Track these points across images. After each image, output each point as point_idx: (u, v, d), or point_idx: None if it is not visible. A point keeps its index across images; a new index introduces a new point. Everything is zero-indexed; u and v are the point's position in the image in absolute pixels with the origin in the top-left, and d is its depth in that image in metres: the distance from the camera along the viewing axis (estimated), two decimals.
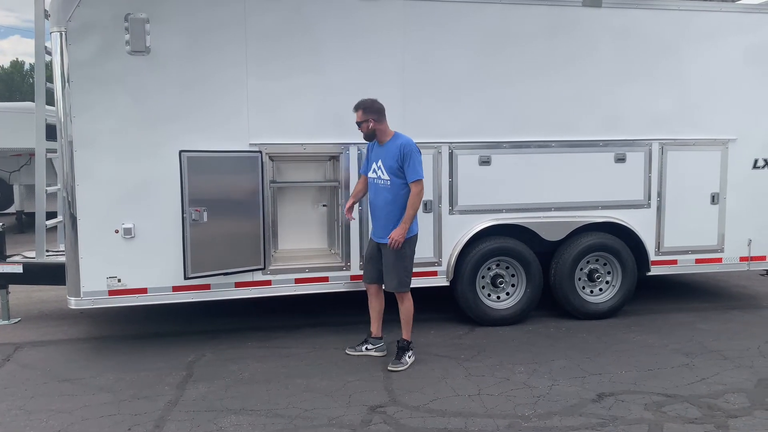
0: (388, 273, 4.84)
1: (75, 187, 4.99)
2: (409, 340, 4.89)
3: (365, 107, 4.76)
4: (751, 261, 6.33)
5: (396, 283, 4.80)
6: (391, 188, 4.75)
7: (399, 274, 4.79)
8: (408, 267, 4.83)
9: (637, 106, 5.95)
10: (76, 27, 4.87)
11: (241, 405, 4.16)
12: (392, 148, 4.74)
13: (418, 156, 4.72)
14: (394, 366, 4.75)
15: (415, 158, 4.68)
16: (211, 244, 5.08)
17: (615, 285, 6.11)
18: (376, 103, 4.79)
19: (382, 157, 4.80)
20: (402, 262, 4.77)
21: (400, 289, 4.82)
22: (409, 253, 4.81)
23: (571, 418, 3.92)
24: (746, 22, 6.11)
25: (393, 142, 4.78)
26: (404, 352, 4.84)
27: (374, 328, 5.11)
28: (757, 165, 6.26)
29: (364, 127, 4.81)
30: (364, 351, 5.06)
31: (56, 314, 6.44)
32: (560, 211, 5.90)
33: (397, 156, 4.69)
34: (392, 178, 4.74)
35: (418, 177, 4.67)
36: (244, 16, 5.14)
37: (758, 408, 4.05)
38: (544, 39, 5.71)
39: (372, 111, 4.77)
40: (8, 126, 11.08)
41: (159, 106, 5.06)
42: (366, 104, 4.77)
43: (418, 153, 4.72)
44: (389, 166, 4.74)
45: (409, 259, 4.82)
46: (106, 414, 4.03)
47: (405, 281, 4.82)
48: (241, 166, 5.20)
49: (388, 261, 4.81)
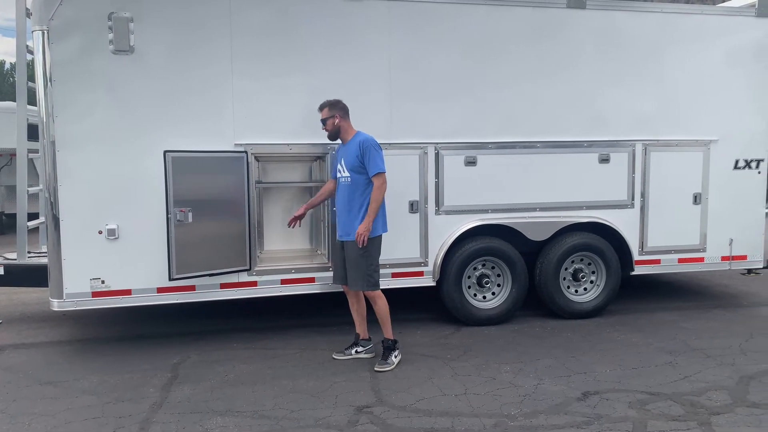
0: (351, 272, 4.82)
1: (57, 187, 4.93)
2: (392, 339, 4.89)
3: (330, 104, 4.86)
4: (732, 260, 6.42)
5: (362, 282, 4.78)
6: (351, 185, 4.77)
7: (363, 273, 4.76)
8: (373, 265, 4.79)
9: (620, 107, 6.00)
10: (59, 26, 4.82)
11: (227, 406, 4.13)
12: (353, 145, 4.79)
13: (379, 151, 4.74)
14: (381, 366, 4.75)
15: (375, 152, 4.70)
16: (196, 245, 5.04)
17: (599, 284, 6.17)
18: (340, 102, 4.88)
19: (344, 156, 4.84)
20: (366, 260, 4.74)
21: (367, 288, 4.80)
22: (373, 252, 4.79)
23: (556, 417, 3.95)
24: (727, 24, 6.20)
25: (354, 139, 4.83)
26: (390, 352, 4.84)
27: (360, 330, 5.09)
28: (738, 165, 6.35)
29: (330, 124, 4.86)
30: (353, 354, 5.02)
31: (38, 316, 6.37)
32: (545, 212, 5.94)
33: (356, 152, 4.72)
34: (352, 175, 4.76)
35: (379, 170, 4.68)
36: (229, 15, 5.12)
37: (740, 405, 4.11)
38: (529, 40, 5.75)
39: (337, 108, 4.85)
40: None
41: (143, 106, 5.02)
42: (331, 102, 4.87)
43: (377, 148, 4.74)
44: (349, 163, 4.77)
45: (373, 257, 4.79)
46: (90, 417, 3.99)
47: (371, 280, 4.78)
48: (227, 167, 5.17)
49: (351, 260, 4.80)
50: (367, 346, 5.05)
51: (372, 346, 5.06)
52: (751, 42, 6.21)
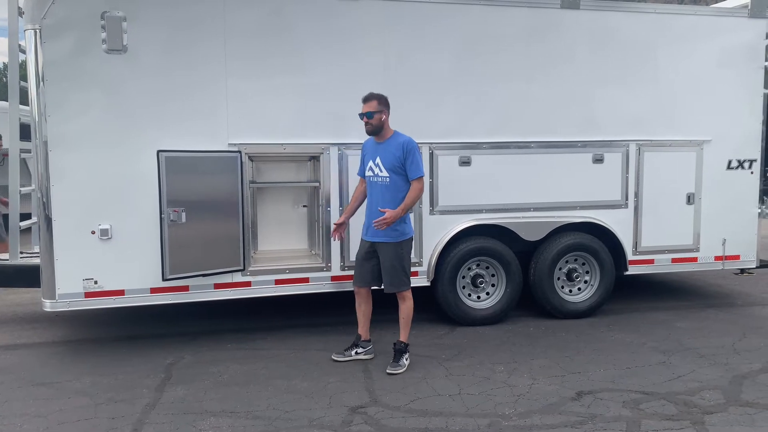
0: (387, 274, 4.76)
1: (50, 187, 4.90)
2: (406, 342, 4.84)
3: (380, 98, 4.68)
4: (725, 260, 6.45)
5: (398, 282, 4.77)
6: (390, 185, 4.67)
7: (399, 273, 4.75)
8: (406, 267, 4.81)
9: (614, 107, 6.02)
10: (51, 25, 4.79)
11: (221, 407, 4.12)
12: (393, 145, 4.67)
13: (420, 154, 4.76)
14: (393, 369, 4.67)
15: (418, 155, 4.68)
16: (189, 245, 5.03)
17: (593, 284, 6.18)
18: (387, 98, 4.75)
19: (380, 154, 4.72)
20: (400, 262, 4.74)
21: (401, 288, 4.79)
22: (406, 253, 4.80)
23: (550, 417, 3.95)
24: (720, 25, 6.22)
25: (394, 139, 4.71)
26: (402, 355, 4.77)
27: (363, 331, 5.03)
28: (731, 166, 6.38)
29: (377, 119, 4.65)
30: (353, 355, 4.96)
31: (30, 317, 6.33)
32: (539, 212, 5.95)
33: (398, 153, 4.63)
34: (392, 175, 4.66)
35: (421, 174, 4.67)
36: (223, 14, 5.10)
37: (733, 404, 4.12)
38: (523, 40, 5.76)
39: (385, 103, 4.70)
40: None
41: (136, 106, 5.00)
42: (380, 95, 4.69)
43: (419, 151, 4.75)
44: (390, 163, 4.66)
45: (406, 259, 4.81)
46: (83, 417, 3.97)
47: (404, 281, 4.80)
48: (220, 166, 5.15)
49: (388, 261, 4.74)
50: (367, 347, 5.02)
51: (371, 348, 5.03)
52: (743, 43, 6.24)
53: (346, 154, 5.45)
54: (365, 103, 4.68)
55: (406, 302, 4.84)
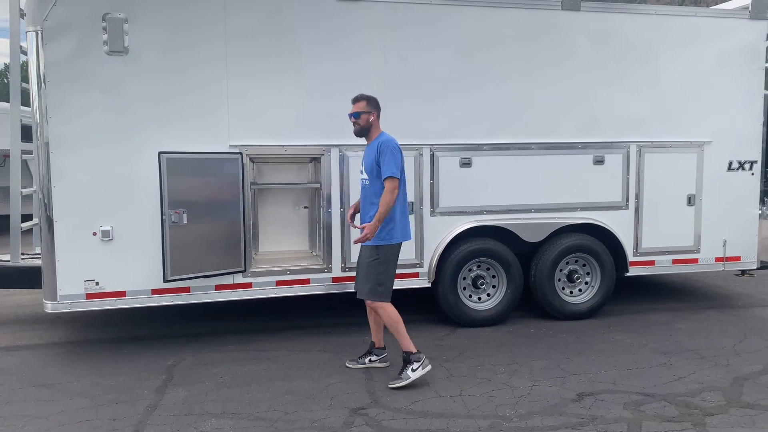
0: (360, 277, 4.62)
1: (51, 188, 4.91)
2: (408, 351, 4.49)
3: (369, 99, 4.57)
4: (726, 261, 6.45)
5: (366, 289, 4.51)
6: (370, 187, 4.54)
7: (370, 280, 4.48)
8: (383, 274, 4.48)
9: (614, 108, 6.02)
10: (53, 26, 4.80)
11: (222, 408, 4.12)
12: (373, 146, 4.52)
13: (396, 154, 4.42)
14: (393, 382, 4.44)
15: (391, 155, 4.39)
16: (190, 247, 5.03)
17: (594, 286, 6.18)
18: (376, 99, 4.62)
19: (365, 156, 4.66)
20: (376, 267, 4.46)
21: (370, 297, 4.50)
22: (386, 260, 4.48)
23: (551, 418, 3.95)
24: (721, 26, 6.22)
25: (376, 140, 4.54)
26: (406, 366, 4.48)
27: (376, 339, 4.83)
28: (731, 167, 6.38)
29: (364, 119, 4.54)
30: (367, 363, 4.81)
31: (32, 318, 6.33)
32: (540, 213, 5.95)
33: (375, 154, 4.46)
34: (370, 177, 4.53)
35: (390, 173, 4.37)
36: (224, 16, 5.11)
37: (734, 406, 4.12)
38: (524, 42, 5.76)
39: (374, 105, 4.58)
40: None
41: (137, 107, 5.01)
42: (369, 96, 4.58)
43: (395, 151, 4.43)
44: (368, 164, 4.55)
45: (385, 265, 4.48)
46: (84, 419, 3.97)
47: (376, 289, 4.46)
48: (221, 168, 5.16)
49: (361, 265, 4.59)
50: (381, 355, 4.83)
51: (386, 356, 4.84)
52: (744, 44, 6.24)
53: (346, 155, 5.45)
54: (354, 104, 4.59)
55: (381, 311, 4.51)
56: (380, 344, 4.86)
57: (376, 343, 4.86)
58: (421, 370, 4.46)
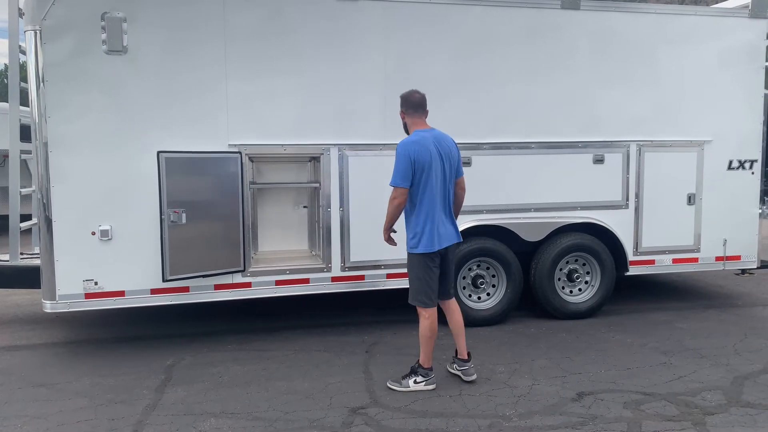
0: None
1: (50, 188, 4.90)
2: (419, 363, 4.43)
3: (401, 98, 4.43)
4: (726, 260, 6.44)
5: (410, 293, 4.43)
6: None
7: (409, 284, 4.43)
8: (412, 282, 4.39)
9: (615, 107, 6.01)
10: (51, 26, 4.79)
11: (221, 408, 4.11)
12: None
13: (401, 159, 4.19)
14: (391, 383, 4.43)
15: (397, 160, 4.21)
16: (190, 246, 5.02)
17: (594, 285, 6.17)
18: (411, 95, 4.39)
19: None
20: (410, 273, 4.40)
21: (410, 300, 4.42)
22: (410, 267, 4.39)
23: (551, 418, 3.95)
24: (721, 25, 6.22)
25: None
26: (411, 374, 4.42)
27: (459, 347, 4.57)
28: (731, 166, 6.37)
29: (401, 117, 4.46)
30: (453, 370, 4.62)
31: (31, 318, 6.33)
32: (540, 212, 5.94)
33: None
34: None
35: (392, 182, 4.22)
36: (223, 15, 5.10)
37: (734, 405, 4.11)
38: (523, 41, 5.75)
39: (402, 103, 4.42)
40: None
41: (136, 107, 5.00)
42: (402, 95, 4.43)
43: (400, 157, 4.20)
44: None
45: (412, 272, 4.38)
46: (83, 419, 3.96)
47: (412, 294, 4.40)
48: (221, 167, 5.15)
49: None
50: (463, 367, 4.53)
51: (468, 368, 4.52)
52: (744, 43, 6.23)
53: (346, 154, 5.44)
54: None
55: (420, 320, 4.41)
56: (462, 355, 4.56)
57: (458, 354, 4.61)
58: (423, 385, 4.39)
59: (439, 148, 4.28)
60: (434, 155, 4.24)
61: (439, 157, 4.26)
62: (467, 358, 4.53)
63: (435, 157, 4.24)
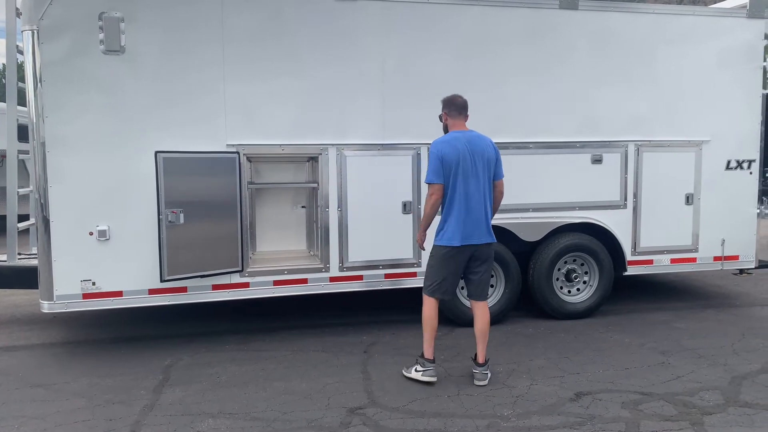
0: None
1: (48, 188, 4.89)
2: (423, 354, 4.53)
3: (442, 100, 4.59)
4: (724, 260, 6.44)
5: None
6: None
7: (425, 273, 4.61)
8: (428, 269, 4.56)
9: (613, 107, 6.02)
10: (49, 25, 4.78)
11: (219, 408, 4.11)
12: None
13: (432, 157, 4.37)
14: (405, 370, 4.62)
15: (429, 159, 4.42)
16: (187, 247, 5.02)
17: (592, 285, 6.17)
18: (455, 98, 4.55)
19: None
20: (428, 261, 4.57)
21: (423, 290, 4.60)
22: (431, 257, 4.53)
23: (549, 418, 3.94)
24: (719, 25, 6.22)
25: None
26: (415, 364, 4.58)
27: (479, 352, 4.56)
28: (729, 166, 6.37)
29: (442, 119, 4.60)
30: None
31: (28, 318, 6.32)
32: (538, 212, 5.94)
33: None
34: None
35: (426, 179, 4.46)
36: (221, 15, 5.10)
37: (732, 405, 4.12)
38: (522, 41, 5.75)
39: (444, 104, 4.57)
40: None
41: (134, 107, 4.99)
42: (446, 99, 4.58)
43: (431, 155, 4.39)
44: None
45: (430, 261, 4.54)
46: (81, 419, 3.96)
47: (425, 283, 4.57)
48: (219, 167, 5.15)
49: None
50: (479, 369, 4.52)
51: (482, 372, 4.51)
52: (742, 43, 6.24)
53: (344, 154, 5.44)
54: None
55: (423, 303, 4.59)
56: (479, 359, 4.54)
57: (477, 358, 4.56)
58: (420, 375, 4.48)
59: (470, 148, 4.38)
60: (463, 155, 4.35)
61: (469, 157, 4.36)
62: (483, 362, 4.53)
63: (464, 157, 4.35)
